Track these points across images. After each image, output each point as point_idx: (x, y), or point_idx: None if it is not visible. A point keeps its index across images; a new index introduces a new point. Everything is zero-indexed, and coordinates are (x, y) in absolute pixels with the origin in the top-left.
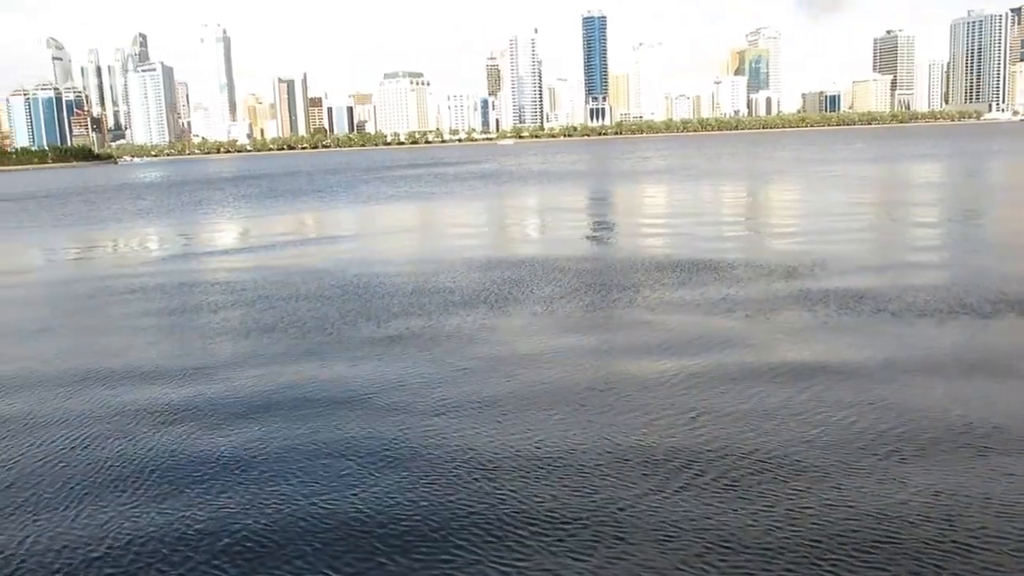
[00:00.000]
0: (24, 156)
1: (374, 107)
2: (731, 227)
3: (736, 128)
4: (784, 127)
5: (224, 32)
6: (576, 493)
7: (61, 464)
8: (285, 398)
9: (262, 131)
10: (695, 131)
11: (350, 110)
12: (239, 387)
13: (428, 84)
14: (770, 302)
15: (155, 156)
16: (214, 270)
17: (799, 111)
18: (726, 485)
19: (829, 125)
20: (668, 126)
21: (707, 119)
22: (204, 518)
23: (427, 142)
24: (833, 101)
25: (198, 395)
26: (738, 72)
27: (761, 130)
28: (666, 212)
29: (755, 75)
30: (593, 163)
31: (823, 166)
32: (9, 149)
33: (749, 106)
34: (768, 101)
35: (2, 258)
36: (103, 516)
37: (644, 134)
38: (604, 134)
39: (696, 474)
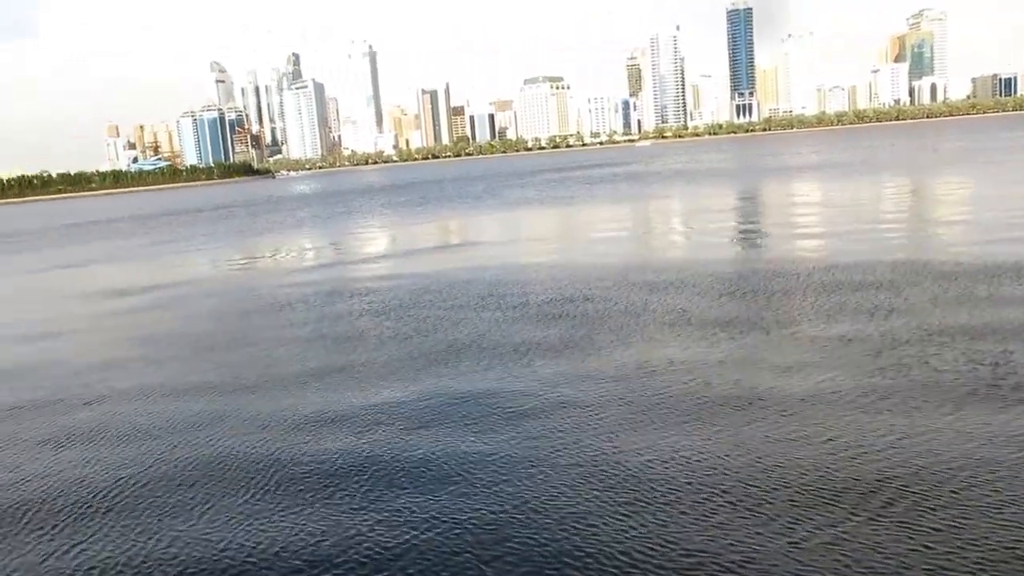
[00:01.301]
0: (193, 173)
1: (515, 113)
2: (894, 224)
3: (897, 118)
4: (951, 115)
5: (370, 47)
6: (741, 529)
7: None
8: (454, 408)
9: (407, 141)
10: (851, 124)
11: (491, 117)
12: (405, 395)
13: (568, 88)
14: (942, 311)
15: (308, 169)
16: (365, 278)
17: (969, 97)
18: (916, 519)
19: (1004, 111)
20: (821, 120)
21: (864, 110)
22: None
23: (568, 146)
24: (1008, 84)
25: (372, 403)
26: (898, 59)
27: (925, 119)
28: (820, 210)
29: (917, 60)
30: (740, 161)
31: (999, 155)
32: (180, 167)
33: (911, 94)
34: (933, 88)
35: (179, 267)
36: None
37: (795, 129)
38: (751, 131)
39: (882, 505)
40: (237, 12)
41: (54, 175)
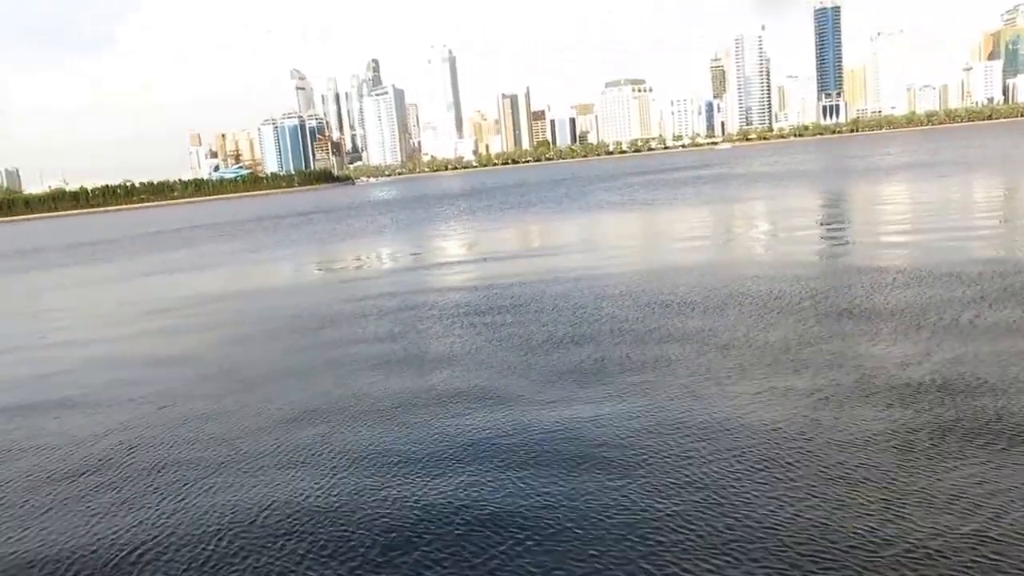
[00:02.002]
0: (274, 181)
1: (596, 117)
2: (991, 230)
3: (990, 118)
4: None
5: (450, 52)
6: None
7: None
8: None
9: (487, 147)
10: (941, 123)
11: (572, 121)
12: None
13: (650, 90)
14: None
15: (388, 176)
16: (445, 288)
17: None
18: None
19: None
20: (910, 119)
21: (955, 110)
22: None
23: (650, 149)
24: None
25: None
26: (991, 56)
27: (1020, 118)
28: (911, 214)
29: (1012, 58)
30: (827, 162)
31: None
32: (261, 175)
33: (1005, 92)
34: None
35: (270, 273)
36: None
37: (883, 130)
38: (838, 132)
39: None
40: (317, 19)
41: (137, 184)
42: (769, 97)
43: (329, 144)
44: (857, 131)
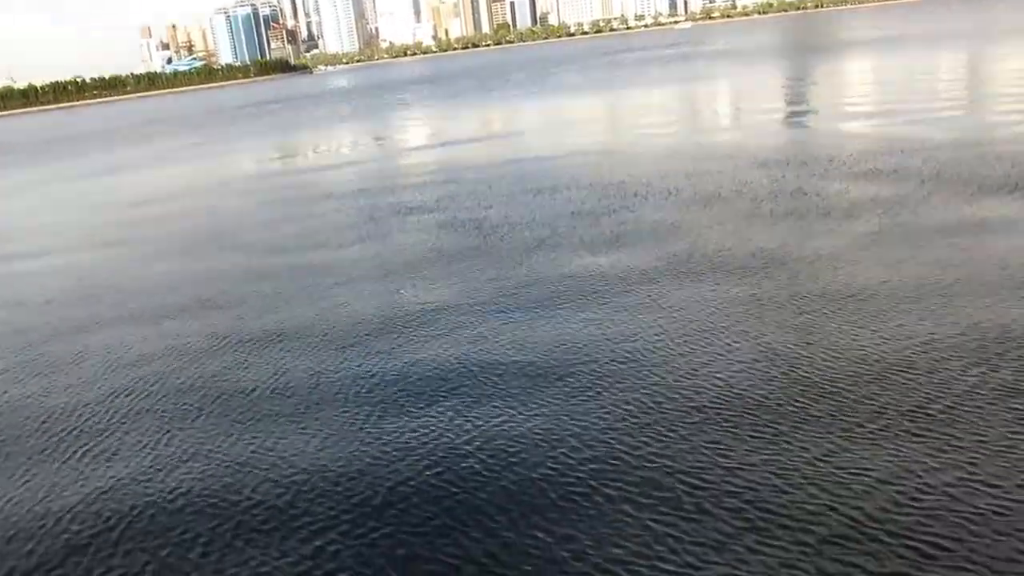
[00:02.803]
0: (230, 72)
1: None
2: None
3: None
4: None
5: None
6: None
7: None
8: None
9: (446, 31)
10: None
11: (532, 3)
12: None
13: None
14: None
15: (346, 63)
16: (408, 175)
17: None
18: None
19: None
20: None
21: None
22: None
23: (612, 30)
24: None
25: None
26: None
27: None
28: (880, 89)
29: None
30: (789, 39)
31: None
32: (216, 66)
33: None
34: None
35: (231, 166)
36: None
37: (850, 5)
38: (803, 8)
39: None
40: None
41: (88, 80)
42: None
43: (284, 33)
44: (822, 6)
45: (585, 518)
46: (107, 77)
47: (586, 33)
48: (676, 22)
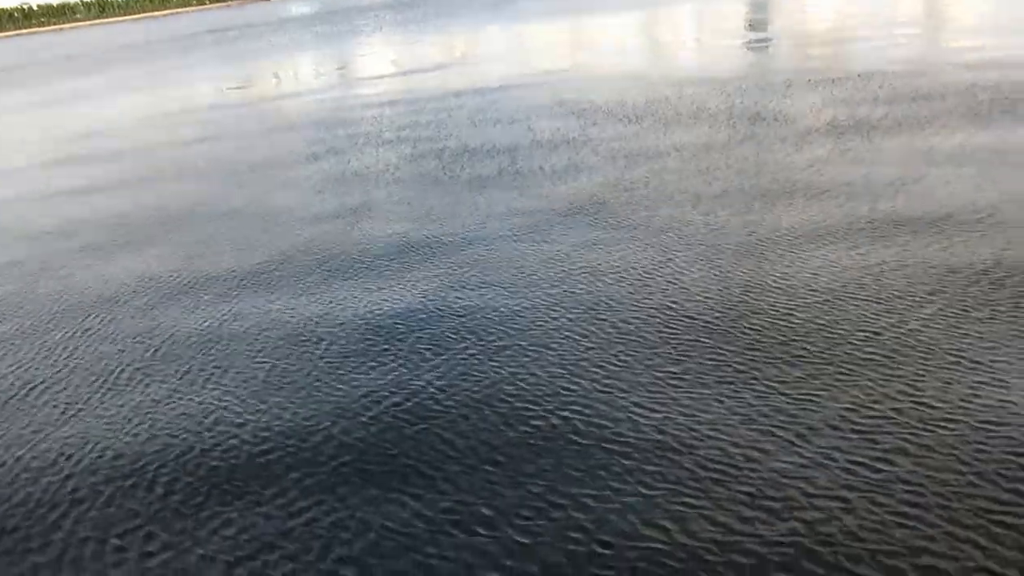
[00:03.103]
0: None
1: None
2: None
3: None
4: None
5: None
6: None
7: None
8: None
9: None
10: None
11: None
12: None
13: None
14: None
15: None
16: (371, 104)
17: None
18: None
19: None
20: None
21: None
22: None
23: None
24: None
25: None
26: None
27: None
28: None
29: None
30: None
31: None
32: None
33: None
34: None
35: (199, 92)
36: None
37: None
38: None
39: None
40: None
41: (35, 7)
42: None
43: None
44: None
45: (536, 457)
46: (55, 4)
47: None
48: None
